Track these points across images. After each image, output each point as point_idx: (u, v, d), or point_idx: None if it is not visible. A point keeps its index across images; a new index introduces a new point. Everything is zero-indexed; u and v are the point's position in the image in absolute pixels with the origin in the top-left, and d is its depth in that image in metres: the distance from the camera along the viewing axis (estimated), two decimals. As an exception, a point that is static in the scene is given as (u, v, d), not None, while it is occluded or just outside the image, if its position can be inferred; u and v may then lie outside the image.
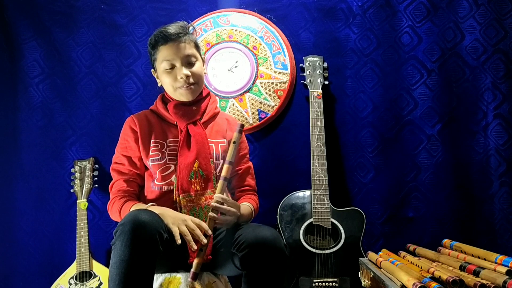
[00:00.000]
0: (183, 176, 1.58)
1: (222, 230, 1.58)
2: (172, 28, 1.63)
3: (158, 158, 1.63)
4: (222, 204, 1.50)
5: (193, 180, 1.58)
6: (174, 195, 1.58)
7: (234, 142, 1.58)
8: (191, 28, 1.69)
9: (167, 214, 1.45)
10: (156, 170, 1.62)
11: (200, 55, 1.71)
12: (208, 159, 1.61)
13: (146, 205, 1.54)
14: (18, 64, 2.24)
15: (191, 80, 1.63)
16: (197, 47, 1.70)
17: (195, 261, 1.45)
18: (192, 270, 1.45)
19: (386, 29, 2.16)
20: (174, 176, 1.60)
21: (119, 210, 1.58)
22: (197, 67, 1.66)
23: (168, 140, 1.66)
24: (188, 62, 1.64)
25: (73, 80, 2.24)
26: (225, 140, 1.71)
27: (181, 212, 1.55)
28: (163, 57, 1.62)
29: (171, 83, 1.63)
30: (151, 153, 1.63)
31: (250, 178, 1.79)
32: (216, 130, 1.72)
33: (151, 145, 1.65)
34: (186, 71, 1.62)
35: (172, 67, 1.62)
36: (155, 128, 1.68)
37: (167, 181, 1.61)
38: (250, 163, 1.82)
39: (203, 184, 1.59)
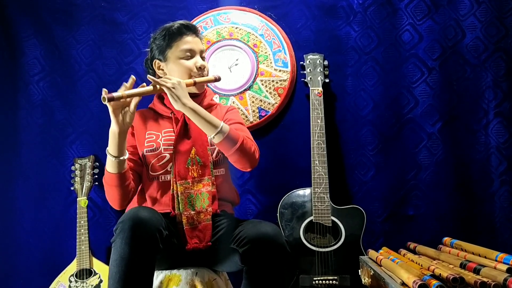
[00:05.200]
0: (180, 163, 1.58)
1: (222, 226, 1.58)
2: (190, 23, 1.70)
3: (153, 149, 1.63)
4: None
5: (190, 167, 1.58)
6: (171, 182, 1.58)
7: None
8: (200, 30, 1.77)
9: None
10: (151, 160, 1.62)
11: None
12: (205, 146, 1.62)
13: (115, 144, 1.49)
14: (18, 62, 2.25)
15: (205, 72, 1.68)
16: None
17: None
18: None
19: (386, 27, 2.16)
20: (171, 164, 1.60)
21: (103, 177, 1.58)
22: (206, 63, 1.72)
23: (163, 131, 1.67)
24: (201, 57, 1.69)
25: (73, 78, 2.24)
26: None
27: (178, 199, 1.55)
28: (182, 45, 1.64)
29: (188, 72, 1.64)
30: (146, 144, 1.65)
31: (242, 130, 1.65)
32: None
33: (146, 136, 1.67)
34: (202, 62, 1.67)
35: (192, 56, 1.66)
36: (150, 122, 1.70)
37: (163, 170, 1.61)
38: (244, 127, 1.70)
39: (200, 171, 1.59)
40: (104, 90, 1.41)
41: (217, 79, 1.69)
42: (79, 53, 2.25)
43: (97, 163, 2.15)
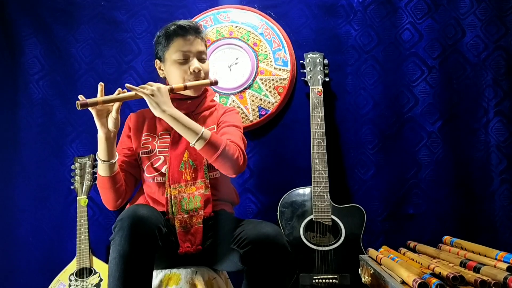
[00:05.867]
0: (173, 167, 1.58)
1: (218, 227, 1.57)
2: (190, 23, 1.66)
3: (148, 151, 1.64)
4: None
5: (183, 170, 1.58)
6: (165, 185, 1.58)
7: None
8: (205, 30, 1.73)
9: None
10: (146, 162, 1.63)
11: (207, 57, 1.73)
12: None
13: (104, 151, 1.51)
14: (18, 61, 2.25)
15: (202, 75, 1.65)
16: (206, 48, 1.73)
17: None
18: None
19: (386, 26, 2.16)
20: (165, 166, 1.60)
21: (97, 181, 1.60)
22: (206, 65, 1.69)
23: (159, 133, 1.67)
24: (199, 58, 1.66)
25: (73, 77, 2.24)
26: (215, 126, 1.69)
27: (171, 202, 1.55)
28: (178, 47, 1.62)
29: (182, 75, 1.62)
30: (142, 146, 1.65)
31: (231, 133, 1.61)
32: (209, 120, 1.70)
33: (143, 138, 1.67)
34: (198, 64, 1.63)
35: (186, 58, 1.63)
36: (148, 123, 1.70)
37: (158, 173, 1.61)
38: (236, 130, 1.65)
39: (193, 174, 1.58)
40: (80, 96, 1.43)
41: (213, 83, 1.66)
42: (79, 52, 2.25)
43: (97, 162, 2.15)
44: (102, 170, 1.54)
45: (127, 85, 1.50)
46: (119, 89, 1.51)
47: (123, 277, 1.28)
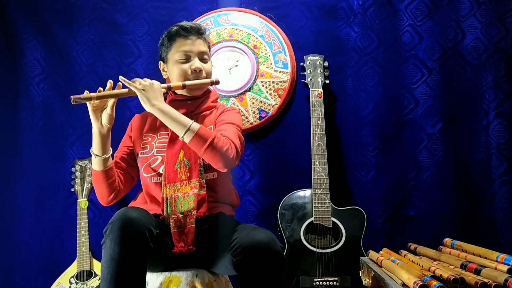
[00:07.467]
0: (169, 166, 1.58)
1: (213, 229, 1.57)
2: (193, 24, 1.68)
3: (147, 151, 1.64)
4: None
5: (178, 169, 1.58)
6: (162, 185, 1.58)
7: None
8: (207, 31, 1.74)
9: None
10: (144, 162, 1.63)
11: (210, 58, 1.73)
12: None
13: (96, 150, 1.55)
14: (19, 63, 2.25)
15: (203, 74, 1.66)
16: (209, 49, 1.73)
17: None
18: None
19: (387, 28, 2.16)
20: (162, 166, 1.60)
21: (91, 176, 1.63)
22: (209, 65, 1.69)
23: (159, 133, 1.68)
24: (201, 59, 1.67)
25: (73, 79, 2.25)
26: (212, 126, 1.68)
27: (167, 202, 1.55)
28: (179, 47, 1.64)
29: (183, 74, 1.63)
30: (141, 146, 1.66)
31: (225, 130, 1.59)
32: (207, 119, 1.70)
33: (143, 138, 1.68)
34: (199, 64, 1.64)
35: (187, 58, 1.64)
36: (150, 123, 1.71)
37: (155, 173, 1.61)
38: (232, 126, 1.62)
39: (188, 174, 1.58)
40: (86, 92, 1.48)
41: (214, 83, 1.66)
42: (79, 54, 2.25)
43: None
44: (95, 164, 1.57)
45: (120, 77, 1.51)
46: (119, 83, 1.52)
47: (115, 280, 1.28)
